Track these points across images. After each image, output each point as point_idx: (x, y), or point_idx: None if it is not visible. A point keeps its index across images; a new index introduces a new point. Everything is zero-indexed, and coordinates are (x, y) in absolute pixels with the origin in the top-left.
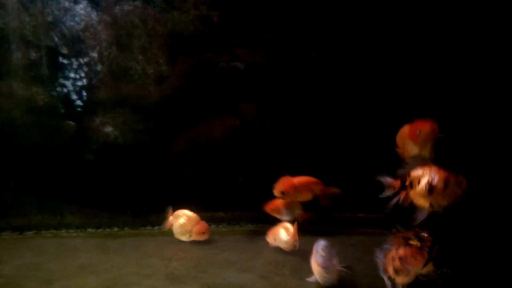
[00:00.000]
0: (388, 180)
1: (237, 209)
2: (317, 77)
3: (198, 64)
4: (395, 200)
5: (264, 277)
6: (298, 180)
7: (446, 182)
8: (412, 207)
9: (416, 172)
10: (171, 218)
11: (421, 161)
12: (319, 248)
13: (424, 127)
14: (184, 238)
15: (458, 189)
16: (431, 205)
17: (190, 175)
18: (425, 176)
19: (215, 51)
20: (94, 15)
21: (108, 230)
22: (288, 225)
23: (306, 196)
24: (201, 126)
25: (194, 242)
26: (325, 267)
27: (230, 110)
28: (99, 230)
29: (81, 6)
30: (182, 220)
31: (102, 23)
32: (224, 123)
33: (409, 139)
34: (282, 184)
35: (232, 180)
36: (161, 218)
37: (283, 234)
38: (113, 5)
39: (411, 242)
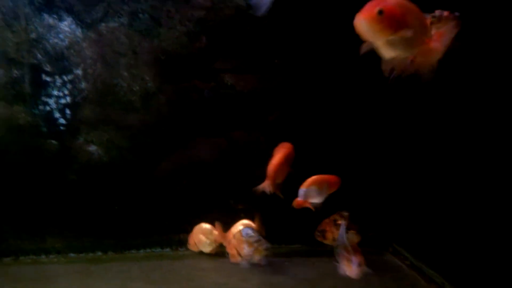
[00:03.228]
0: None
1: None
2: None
3: (183, 91)
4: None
5: None
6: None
7: None
8: None
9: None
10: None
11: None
12: (248, 232)
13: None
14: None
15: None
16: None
17: (177, 196)
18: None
19: (201, 77)
20: (78, 32)
21: (91, 254)
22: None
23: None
24: (188, 147)
25: (182, 266)
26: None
27: (219, 134)
28: (82, 254)
29: (65, 23)
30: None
31: (87, 40)
32: (212, 145)
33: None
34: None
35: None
36: (146, 240)
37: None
38: (98, 22)
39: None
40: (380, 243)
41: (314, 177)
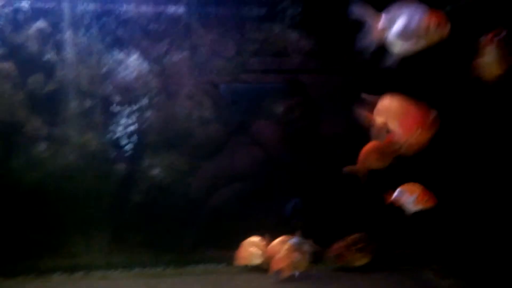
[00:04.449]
0: None
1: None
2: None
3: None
4: None
5: None
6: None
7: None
8: None
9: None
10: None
11: None
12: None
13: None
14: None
15: None
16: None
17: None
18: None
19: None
20: (145, 65)
21: (153, 269)
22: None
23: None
24: (225, 157)
25: (242, 282)
26: None
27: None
28: (145, 269)
29: (133, 57)
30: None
31: (152, 73)
32: (248, 153)
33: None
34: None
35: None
36: (206, 254)
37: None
38: (163, 56)
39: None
40: (420, 261)
41: (418, 186)
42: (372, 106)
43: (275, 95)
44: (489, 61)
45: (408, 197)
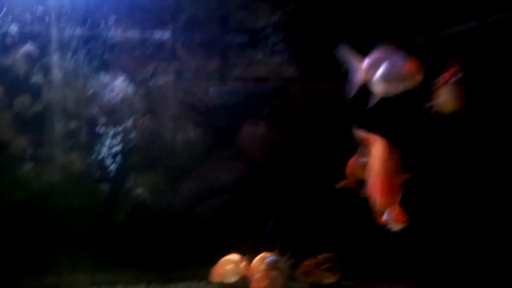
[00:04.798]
0: None
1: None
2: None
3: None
4: None
5: None
6: None
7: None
8: None
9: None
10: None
11: None
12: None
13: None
14: None
15: None
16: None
17: (210, 229)
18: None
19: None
20: (130, 88)
21: (136, 286)
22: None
23: None
24: (207, 170)
25: None
26: None
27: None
28: (127, 287)
29: (119, 81)
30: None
31: (137, 96)
32: (230, 167)
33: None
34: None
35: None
36: (184, 274)
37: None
38: (148, 79)
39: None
40: (394, 277)
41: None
42: (363, 142)
43: (258, 114)
44: (444, 100)
45: (389, 216)
